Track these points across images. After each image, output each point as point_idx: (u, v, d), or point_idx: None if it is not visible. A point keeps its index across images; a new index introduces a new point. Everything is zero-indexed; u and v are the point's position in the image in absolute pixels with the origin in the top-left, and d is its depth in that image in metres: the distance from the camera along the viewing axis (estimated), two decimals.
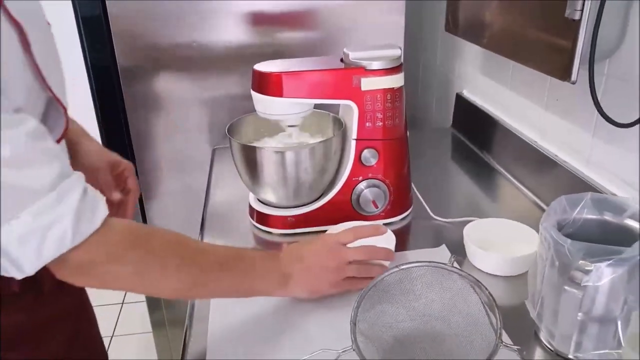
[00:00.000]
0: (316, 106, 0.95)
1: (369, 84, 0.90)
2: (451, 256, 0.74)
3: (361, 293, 0.68)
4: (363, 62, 0.90)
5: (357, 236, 0.77)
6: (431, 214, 1.01)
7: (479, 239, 0.86)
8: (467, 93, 1.43)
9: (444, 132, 1.48)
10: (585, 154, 0.95)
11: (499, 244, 0.86)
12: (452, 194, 1.16)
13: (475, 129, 1.35)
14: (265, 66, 0.91)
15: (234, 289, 0.70)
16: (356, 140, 0.93)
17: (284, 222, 0.96)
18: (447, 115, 1.52)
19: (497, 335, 0.61)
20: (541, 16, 0.88)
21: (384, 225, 0.97)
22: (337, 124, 1.00)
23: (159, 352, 1.62)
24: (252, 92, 0.92)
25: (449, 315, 0.69)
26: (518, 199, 1.09)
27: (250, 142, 1.00)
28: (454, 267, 0.70)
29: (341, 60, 0.94)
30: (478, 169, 1.24)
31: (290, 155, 0.91)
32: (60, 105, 0.65)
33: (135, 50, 1.27)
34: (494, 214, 0.97)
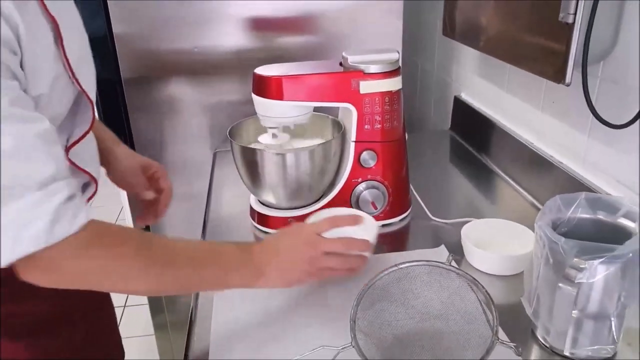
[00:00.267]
0: (316, 109, 0.97)
1: (367, 87, 0.92)
2: (449, 255, 0.75)
3: (360, 292, 0.70)
4: (362, 66, 0.91)
5: (333, 226, 0.76)
6: (430, 215, 1.02)
7: (476, 238, 0.87)
8: (464, 96, 1.44)
9: (442, 134, 1.50)
10: (581, 155, 0.97)
11: (496, 243, 0.87)
12: (450, 195, 1.18)
13: (473, 131, 1.37)
14: (265, 70, 0.93)
15: (206, 284, 0.71)
16: (355, 142, 0.95)
17: (285, 223, 0.97)
18: (445, 117, 1.54)
19: (493, 333, 0.63)
20: (536, 20, 0.89)
21: (382, 225, 0.99)
22: (336, 126, 1.01)
23: (161, 355, 1.63)
24: (252, 95, 0.94)
25: (447, 313, 0.70)
26: (515, 200, 1.11)
27: (251, 145, 1.02)
28: (451, 266, 0.72)
29: (340, 64, 0.96)
30: (476, 171, 1.25)
31: (290, 157, 0.92)
32: (88, 99, 0.70)
33: (138, 56, 1.29)
34: (491, 214, 0.99)
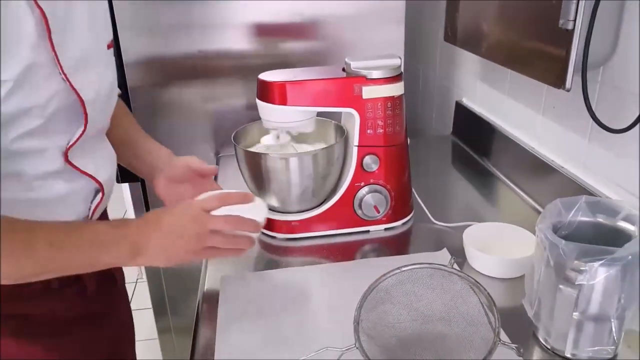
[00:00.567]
0: (319, 114, 0.98)
1: (370, 92, 0.93)
2: (451, 258, 0.76)
3: (364, 294, 0.71)
4: (364, 72, 0.92)
5: (222, 203, 0.73)
6: (432, 218, 1.03)
7: (478, 242, 0.88)
8: (466, 101, 1.45)
9: (444, 139, 1.51)
10: (582, 159, 0.98)
11: (498, 247, 0.88)
12: (452, 200, 1.19)
13: (474, 136, 1.38)
14: (269, 75, 0.94)
15: (73, 266, 0.66)
16: (358, 146, 0.96)
17: (289, 227, 0.98)
18: (447, 122, 1.55)
19: (495, 334, 0.63)
20: (536, 26, 0.91)
21: (384, 229, 1.01)
22: (339, 131, 1.02)
23: (164, 356, 1.63)
24: (257, 100, 0.95)
25: (449, 315, 0.71)
26: (517, 204, 1.12)
27: (255, 149, 1.03)
28: (453, 269, 0.73)
29: (343, 69, 0.97)
30: (478, 175, 1.26)
31: (294, 161, 0.93)
32: (77, 95, 0.67)
33: (143, 61, 1.30)
34: (493, 218, 1.00)
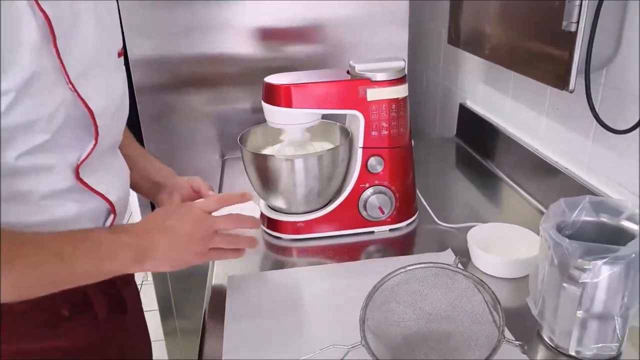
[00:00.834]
0: (324, 116, 0.99)
1: (374, 94, 0.94)
2: (455, 257, 0.77)
3: (369, 293, 0.71)
4: (368, 74, 0.93)
5: (221, 204, 0.73)
6: (436, 219, 1.04)
7: (482, 242, 0.88)
8: (469, 103, 1.46)
9: (448, 141, 1.52)
10: (585, 160, 0.98)
11: (502, 247, 0.89)
12: (456, 201, 1.19)
13: (478, 137, 1.39)
14: (275, 78, 0.95)
15: (79, 277, 0.63)
16: (362, 148, 0.97)
17: (294, 228, 0.99)
18: (451, 125, 1.56)
19: (499, 332, 0.64)
20: (540, 28, 0.91)
21: (389, 230, 1.01)
22: (344, 133, 1.03)
23: (170, 357, 1.64)
24: (262, 102, 0.96)
25: (454, 314, 0.71)
26: (521, 205, 1.12)
27: (261, 151, 1.04)
28: (458, 268, 0.73)
29: (347, 72, 0.98)
30: (481, 177, 1.27)
31: (299, 162, 0.94)
32: (87, 109, 0.65)
33: (149, 65, 1.31)
34: (497, 219, 1.00)
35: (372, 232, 1.02)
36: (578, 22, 0.80)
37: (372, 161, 0.98)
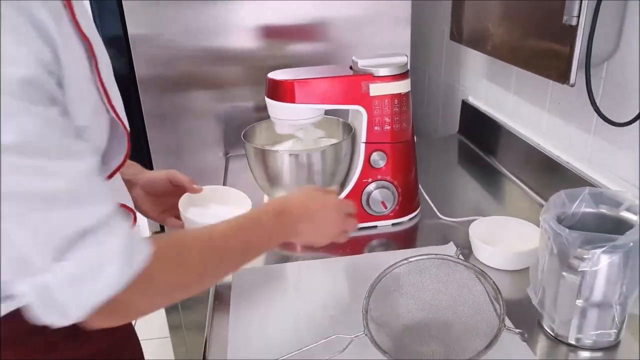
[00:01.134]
0: (327, 112, 1.00)
1: (377, 89, 0.95)
2: (457, 249, 0.78)
3: (372, 284, 0.72)
4: (371, 69, 0.95)
5: (350, 206, 0.84)
6: (438, 214, 1.05)
7: (484, 235, 0.89)
8: (472, 100, 1.47)
9: (450, 138, 1.52)
10: (586, 154, 0.99)
11: (504, 240, 0.90)
12: (458, 196, 1.20)
13: (480, 133, 1.39)
14: (278, 74, 0.97)
15: (254, 257, 0.74)
16: (365, 143, 0.98)
17: None
18: (453, 121, 1.57)
19: (500, 320, 0.65)
20: (541, 23, 0.92)
21: (392, 224, 1.02)
22: (347, 128, 1.04)
23: (176, 355, 1.66)
24: (266, 98, 0.97)
25: (455, 304, 0.73)
26: (522, 200, 1.13)
27: (264, 147, 1.05)
28: (459, 259, 0.74)
29: (350, 67, 0.99)
30: (484, 172, 1.28)
31: (302, 157, 0.95)
32: (124, 127, 0.64)
33: (152, 65, 1.33)
34: (499, 214, 1.01)
35: (375, 227, 1.03)
36: (579, 17, 0.80)
37: (375, 156, 0.99)
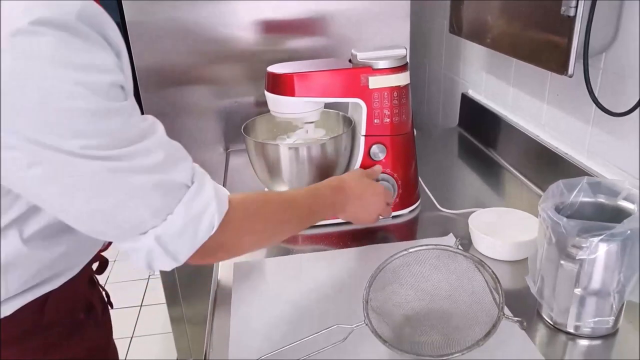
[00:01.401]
0: (326, 105, 1.01)
1: (376, 82, 0.95)
2: (456, 240, 0.78)
3: (372, 274, 0.73)
4: (370, 62, 0.95)
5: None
6: (438, 206, 1.05)
7: (483, 226, 0.90)
8: (472, 93, 1.47)
9: (450, 131, 1.53)
10: (585, 145, 0.99)
11: (503, 230, 0.90)
12: (458, 188, 1.21)
13: (480, 126, 1.40)
14: (278, 68, 0.97)
15: (313, 222, 0.86)
16: (365, 136, 0.99)
17: None
18: (453, 114, 1.57)
19: (499, 309, 0.66)
20: (539, 14, 0.93)
21: (392, 217, 1.03)
22: (346, 122, 1.05)
23: (178, 350, 1.67)
24: (265, 92, 0.98)
25: (455, 294, 0.73)
26: (522, 191, 1.14)
27: (265, 141, 1.06)
28: (458, 250, 0.75)
29: (349, 61, 1.00)
30: (483, 165, 1.28)
31: (303, 151, 0.96)
32: None
33: (152, 61, 1.33)
34: (499, 205, 1.01)
35: None
36: (576, 7, 0.81)
37: (375, 149, 0.99)
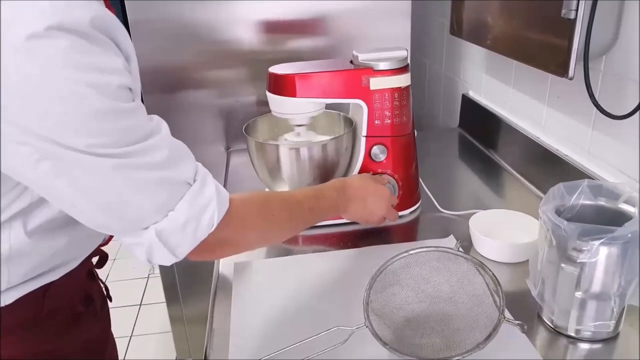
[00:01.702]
0: (327, 106, 1.01)
1: (377, 83, 0.95)
2: (457, 242, 0.78)
3: (373, 276, 0.73)
4: (371, 63, 0.95)
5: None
6: (439, 207, 1.06)
7: (484, 228, 0.90)
8: (472, 94, 1.47)
9: (450, 132, 1.53)
10: (585, 147, 0.99)
11: (504, 233, 0.90)
12: (459, 189, 1.21)
13: (480, 127, 1.40)
14: (279, 69, 0.97)
15: (317, 222, 0.88)
16: (366, 137, 0.99)
17: None
18: (453, 115, 1.57)
19: (500, 312, 0.66)
20: (540, 16, 0.93)
21: None
22: (347, 123, 1.05)
23: (177, 350, 1.67)
24: (267, 93, 0.98)
25: (455, 296, 0.73)
26: (522, 193, 1.14)
27: (266, 141, 1.06)
28: (459, 252, 0.75)
29: (351, 62, 1.00)
30: (484, 166, 1.28)
31: (304, 151, 0.96)
32: None
33: (153, 59, 1.33)
34: (499, 207, 1.01)
35: None
36: (577, 10, 0.81)
37: (376, 150, 0.99)
